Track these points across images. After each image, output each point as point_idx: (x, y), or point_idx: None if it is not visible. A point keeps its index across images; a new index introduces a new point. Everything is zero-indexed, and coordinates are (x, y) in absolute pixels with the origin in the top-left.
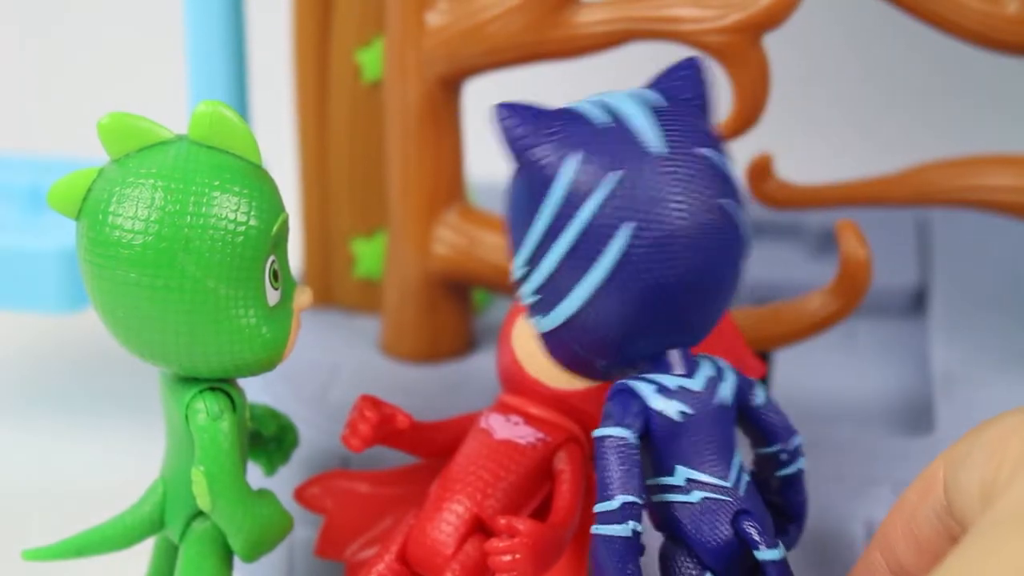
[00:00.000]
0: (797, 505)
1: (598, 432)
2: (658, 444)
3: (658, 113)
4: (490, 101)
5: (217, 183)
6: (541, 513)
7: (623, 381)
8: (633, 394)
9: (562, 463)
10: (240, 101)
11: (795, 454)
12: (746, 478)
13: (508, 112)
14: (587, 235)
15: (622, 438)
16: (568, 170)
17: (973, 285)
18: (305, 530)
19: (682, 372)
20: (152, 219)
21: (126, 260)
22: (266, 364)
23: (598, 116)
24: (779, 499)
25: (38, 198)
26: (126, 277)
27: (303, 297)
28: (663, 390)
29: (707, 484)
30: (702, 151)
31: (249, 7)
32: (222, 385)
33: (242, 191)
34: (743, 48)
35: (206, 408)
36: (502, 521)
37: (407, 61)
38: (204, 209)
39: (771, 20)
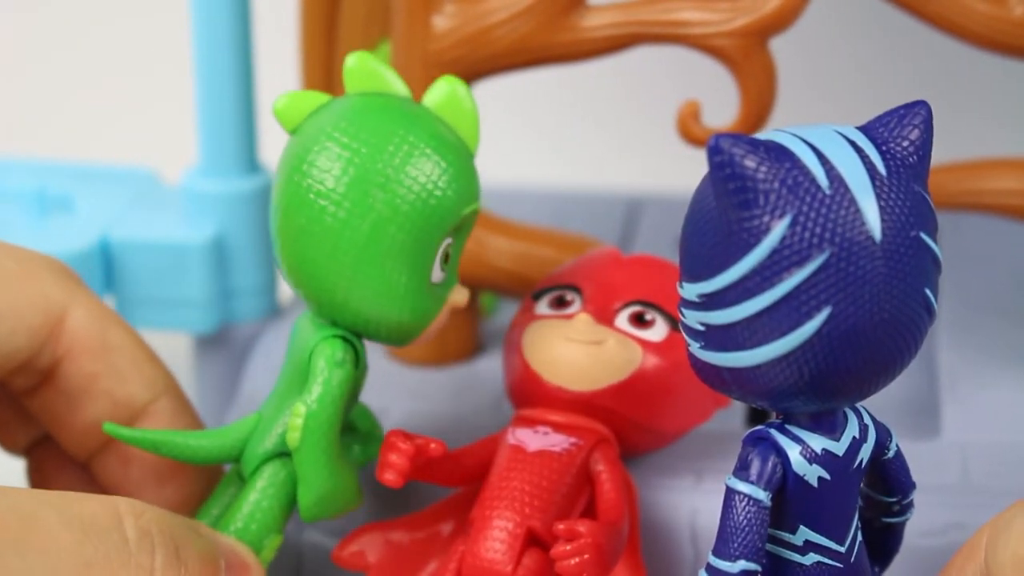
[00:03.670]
0: (889, 550)
1: (733, 483)
2: (787, 501)
3: (880, 184)
4: (495, 104)
5: (432, 146)
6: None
7: (767, 430)
8: (777, 450)
9: (599, 464)
10: (247, 103)
11: (908, 506)
12: (859, 539)
13: (721, 150)
14: (779, 308)
15: (757, 500)
16: (777, 234)
17: (979, 288)
18: (315, 535)
19: (830, 433)
20: (363, 148)
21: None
22: (399, 334)
23: (820, 176)
24: (875, 539)
25: (44, 202)
26: (316, 195)
27: (459, 295)
28: (807, 452)
29: (824, 548)
30: (917, 234)
31: (255, 9)
32: (353, 339)
33: (449, 165)
34: (750, 52)
35: (331, 352)
36: (560, 526)
37: (413, 65)
38: (412, 160)
39: (778, 23)
